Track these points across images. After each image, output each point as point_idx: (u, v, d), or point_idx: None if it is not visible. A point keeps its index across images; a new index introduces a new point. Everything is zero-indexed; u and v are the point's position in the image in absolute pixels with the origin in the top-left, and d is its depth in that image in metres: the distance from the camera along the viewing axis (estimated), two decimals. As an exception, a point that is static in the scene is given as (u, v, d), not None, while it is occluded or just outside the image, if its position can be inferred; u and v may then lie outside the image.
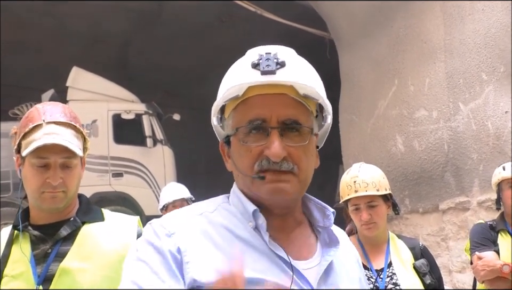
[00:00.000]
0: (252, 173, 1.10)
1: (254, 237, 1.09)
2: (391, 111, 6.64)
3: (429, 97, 6.16)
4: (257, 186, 1.10)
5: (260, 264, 1.05)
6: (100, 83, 10.54)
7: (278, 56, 1.11)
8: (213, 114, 1.22)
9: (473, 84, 5.80)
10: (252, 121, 1.10)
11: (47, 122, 1.70)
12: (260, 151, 1.09)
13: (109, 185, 9.98)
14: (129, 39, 12.96)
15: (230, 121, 1.17)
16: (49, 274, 1.61)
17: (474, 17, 5.88)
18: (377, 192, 2.58)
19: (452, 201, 5.93)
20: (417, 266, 2.54)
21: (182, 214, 1.14)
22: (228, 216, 1.13)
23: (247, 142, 1.11)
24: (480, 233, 3.31)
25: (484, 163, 5.61)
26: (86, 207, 1.80)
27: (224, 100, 1.16)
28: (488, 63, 5.73)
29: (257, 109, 1.11)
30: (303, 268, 1.10)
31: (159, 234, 1.07)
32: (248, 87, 1.11)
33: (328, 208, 1.19)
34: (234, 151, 1.15)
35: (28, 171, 1.70)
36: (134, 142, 10.35)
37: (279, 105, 1.10)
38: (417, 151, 6.25)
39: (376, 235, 2.62)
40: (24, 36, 11.69)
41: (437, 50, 6.13)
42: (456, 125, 5.88)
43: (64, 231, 1.69)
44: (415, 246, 2.65)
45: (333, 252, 1.14)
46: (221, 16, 11.96)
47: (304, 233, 1.19)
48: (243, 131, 1.12)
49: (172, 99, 13.78)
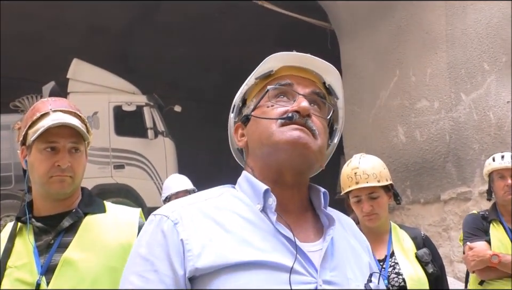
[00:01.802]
0: (276, 125, 1.13)
1: (261, 219, 1.09)
2: (393, 102, 6.63)
3: (431, 88, 6.15)
4: (280, 134, 1.11)
5: (265, 244, 1.05)
6: (100, 75, 10.53)
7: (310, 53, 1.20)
8: (236, 98, 1.25)
9: (475, 74, 5.78)
10: (282, 83, 1.17)
11: (53, 110, 1.73)
12: (286, 110, 1.14)
13: (111, 177, 10.00)
14: (130, 31, 12.93)
15: (253, 100, 1.21)
16: (52, 265, 1.63)
17: (476, 7, 5.85)
18: (378, 183, 2.58)
19: (453, 192, 5.94)
20: (419, 255, 2.55)
21: (187, 201, 1.13)
22: (234, 200, 1.13)
23: (273, 105, 1.15)
24: (472, 223, 3.34)
25: (486, 153, 5.60)
26: (88, 198, 1.82)
27: (257, 76, 1.20)
28: (490, 53, 5.71)
29: (288, 79, 1.18)
30: (309, 251, 1.09)
31: (163, 227, 1.07)
32: (282, 67, 1.19)
33: (320, 189, 1.19)
34: (259, 112, 1.17)
35: (35, 158, 1.71)
36: (135, 134, 10.36)
37: (308, 82, 1.19)
38: (418, 142, 6.25)
39: (378, 225, 2.62)
40: (24, 27, 11.66)
41: (438, 41, 6.11)
42: (457, 115, 5.87)
43: (66, 221, 1.70)
44: (417, 235, 2.66)
45: (331, 231, 1.13)
46: (221, 7, 11.91)
47: (311, 218, 1.19)
48: (271, 93, 1.17)
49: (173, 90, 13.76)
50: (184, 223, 1.05)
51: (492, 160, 3.40)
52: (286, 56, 1.19)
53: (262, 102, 1.17)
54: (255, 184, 1.14)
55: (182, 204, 1.11)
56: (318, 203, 1.19)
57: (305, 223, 1.16)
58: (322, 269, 1.07)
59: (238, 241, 1.04)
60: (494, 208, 3.38)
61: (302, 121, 1.11)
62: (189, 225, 1.05)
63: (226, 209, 1.10)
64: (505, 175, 3.29)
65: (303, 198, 1.19)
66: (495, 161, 3.36)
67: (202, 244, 1.02)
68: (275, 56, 1.19)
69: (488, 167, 3.40)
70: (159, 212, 1.10)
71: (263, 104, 1.17)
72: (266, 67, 1.19)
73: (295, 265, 1.03)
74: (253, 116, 1.18)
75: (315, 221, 1.19)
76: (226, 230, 1.05)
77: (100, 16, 12.02)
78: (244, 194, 1.15)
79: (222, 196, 1.15)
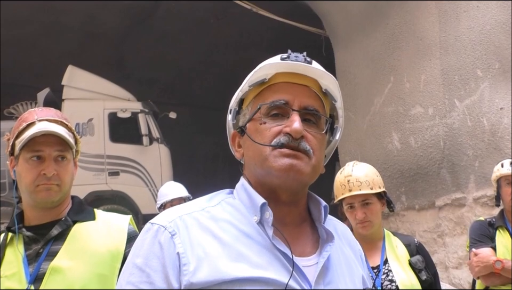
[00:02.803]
0: (268, 148, 1.11)
1: (257, 231, 1.09)
2: (387, 108, 6.66)
3: (425, 94, 6.17)
4: (272, 161, 1.10)
5: (261, 259, 1.05)
6: (95, 82, 10.53)
7: (306, 56, 1.17)
8: (231, 105, 1.24)
9: (468, 81, 5.82)
10: (275, 101, 1.14)
11: (39, 120, 1.75)
12: (279, 130, 1.12)
13: (106, 184, 9.97)
14: (125, 37, 12.93)
15: (249, 108, 1.19)
16: (41, 273, 1.64)
17: (469, 14, 5.89)
18: (371, 191, 2.58)
19: (448, 198, 5.96)
20: (412, 262, 2.55)
21: (184, 210, 1.13)
22: (231, 211, 1.13)
23: (266, 122, 1.14)
24: (478, 229, 3.34)
25: (480, 159, 5.63)
26: (78, 207, 1.83)
27: (250, 84, 1.19)
28: (483, 59, 5.75)
29: (282, 93, 1.15)
30: (304, 265, 1.09)
31: (160, 238, 1.07)
32: (275, 74, 1.17)
33: (321, 202, 1.19)
34: (251, 132, 1.16)
35: (22, 168, 1.73)
36: (130, 141, 10.34)
37: (303, 94, 1.16)
38: (413, 148, 6.27)
39: (371, 233, 2.63)
40: (19, 33, 11.65)
41: (432, 47, 6.15)
42: (451, 121, 5.89)
43: (55, 230, 1.71)
44: (410, 242, 2.66)
45: (329, 248, 1.14)
46: (217, 13, 11.95)
47: (308, 230, 1.18)
48: (264, 111, 1.15)
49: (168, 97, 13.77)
50: (181, 235, 1.06)
51: (500, 166, 3.39)
52: (279, 64, 1.16)
53: (255, 116, 1.16)
54: (252, 196, 1.13)
55: (179, 214, 1.11)
56: (318, 215, 1.19)
57: (301, 236, 1.16)
58: (316, 285, 1.08)
59: (234, 255, 1.04)
60: (502, 214, 3.38)
61: (295, 144, 1.10)
62: (185, 237, 1.05)
63: (223, 220, 1.10)
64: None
65: (300, 211, 1.19)
66: (504, 167, 3.35)
67: (198, 259, 1.03)
68: (269, 64, 1.17)
69: (497, 172, 3.39)
70: (157, 222, 1.10)
71: (256, 118, 1.16)
72: (259, 75, 1.17)
73: (290, 282, 1.04)
74: (247, 134, 1.17)
75: (311, 232, 1.19)
76: (223, 243, 1.05)
77: (95, 22, 12.03)
78: (241, 204, 1.15)
79: (219, 205, 1.14)
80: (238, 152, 1.21)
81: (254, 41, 12.48)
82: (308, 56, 1.18)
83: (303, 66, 1.15)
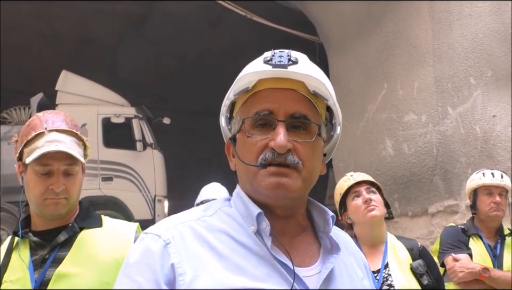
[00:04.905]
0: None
1: (255, 242, 1.06)
2: (381, 115, 6.68)
3: (418, 101, 6.20)
4: (260, 180, 1.06)
5: (260, 271, 1.02)
6: (89, 87, 10.51)
7: (291, 54, 1.10)
8: (222, 113, 1.20)
9: (461, 88, 5.85)
10: (259, 112, 1.08)
11: (49, 130, 1.72)
12: (265, 144, 1.07)
13: (99, 189, 9.93)
14: (119, 42, 12.93)
15: (238, 117, 1.14)
16: (46, 280, 1.63)
17: (462, 22, 5.94)
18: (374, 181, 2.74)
19: (440, 205, 5.98)
20: (413, 267, 2.54)
21: (180, 219, 1.10)
22: (228, 220, 1.10)
23: (252, 135, 1.08)
24: (455, 235, 3.36)
25: (472, 166, 5.65)
26: (85, 213, 1.82)
27: (235, 93, 1.14)
28: (476, 67, 5.79)
29: (266, 102, 1.09)
30: (304, 276, 1.06)
31: (153, 247, 1.04)
32: (259, 80, 1.10)
33: (328, 212, 1.15)
34: (239, 145, 1.12)
35: (30, 178, 1.72)
36: (124, 146, 10.32)
37: (288, 99, 1.09)
38: (406, 155, 6.29)
39: (375, 233, 2.65)
40: (13, 38, 11.62)
41: (425, 55, 6.18)
42: (444, 128, 5.92)
43: (62, 236, 1.71)
44: (413, 246, 2.65)
45: (333, 259, 1.11)
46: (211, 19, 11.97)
47: (308, 239, 1.15)
48: (249, 123, 1.09)
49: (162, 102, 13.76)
50: (176, 244, 1.03)
51: (482, 175, 3.41)
52: (261, 71, 1.09)
53: (243, 127, 1.11)
54: (248, 206, 1.10)
55: (174, 223, 1.08)
56: (322, 224, 1.16)
57: (301, 245, 1.13)
58: None
59: (232, 268, 1.01)
60: (472, 222, 3.42)
61: (281, 159, 1.05)
62: (180, 247, 1.03)
63: (219, 231, 1.07)
64: (493, 192, 3.32)
65: (299, 221, 1.15)
66: (486, 177, 3.37)
67: (195, 270, 1.00)
68: (251, 72, 1.10)
69: (479, 181, 3.40)
70: (151, 231, 1.08)
71: (244, 129, 1.11)
72: (242, 84, 1.12)
73: None
74: (235, 150, 1.13)
75: (312, 242, 1.16)
76: (220, 255, 1.03)
77: (89, 28, 12.02)
78: (237, 213, 1.12)
79: (216, 215, 1.11)
80: (232, 162, 1.17)
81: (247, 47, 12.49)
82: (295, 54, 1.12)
83: (285, 71, 1.08)
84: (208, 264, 1.01)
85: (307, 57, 1.16)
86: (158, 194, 10.21)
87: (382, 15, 6.74)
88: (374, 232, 2.66)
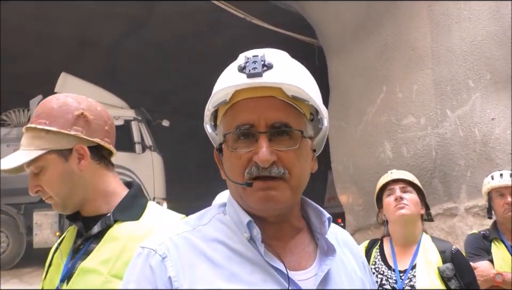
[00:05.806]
0: (242, 181, 1.06)
1: (249, 249, 1.07)
2: (380, 118, 6.68)
3: (417, 104, 6.21)
4: (248, 195, 1.07)
5: (254, 277, 1.03)
6: (88, 89, 10.50)
7: (265, 59, 1.07)
8: (205, 122, 1.19)
9: (460, 91, 5.86)
10: (240, 126, 1.06)
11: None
12: (249, 158, 1.05)
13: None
14: (118, 45, 12.93)
15: (221, 127, 1.13)
16: (73, 272, 1.57)
17: (461, 25, 5.94)
18: (412, 180, 2.72)
19: (439, 207, 5.97)
20: (440, 270, 2.50)
21: (175, 230, 1.11)
22: (222, 228, 1.11)
23: (236, 149, 1.07)
24: (474, 243, 3.33)
25: (471, 169, 5.66)
26: (127, 202, 1.66)
27: (213, 105, 1.13)
28: (474, 70, 5.80)
29: (245, 114, 1.06)
30: (300, 279, 1.06)
31: (151, 262, 1.05)
32: (235, 91, 1.07)
33: (324, 213, 1.16)
34: (225, 158, 1.11)
35: None
36: (123, 148, 10.29)
37: (267, 109, 1.06)
38: (405, 158, 6.29)
39: (407, 232, 2.64)
40: (12, 41, 11.62)
41: (424, 58, 6.19)
42: (443, 131, 5.93)
43: (96, 228, 1.61)
44: (446, 249, 2.60)
45: (329, 261, 1.11)
46: (210, 22, 11.98)
47: (303, 241, 1.15)
48: (232, 137, 1.08)
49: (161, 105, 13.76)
50: (171, 257, 1.04)
51: (490, 178, 3.40)
52: (235, 84, 1.06)
53: (226, 138, 1.10)
54: (239, 214, 1.11)
55: (169, 235, 1.09)
56: (318, 226, 1.16)
57: (296, 248, 1.13)
58: None
59: (227, 276, 1.02)
60: (495, 226, 3.37)
61: (266, 173, 1.04)
62: (176, 260, 1.04)
63: (214, 240, 1.08)
64: (504, 193, 3.30)
65: (293, 224, 1.15)
66: (494, 179, 3.36)
67: (191, 282, 1.01)
68: (226, 86, 1.08)
69: (488, 185, 3.39)
70: (147, 246, 1.09)
71: (227, 141, 1.09)
72: (219, 97, 1.10)
73: None
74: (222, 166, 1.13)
75: (308, 243, 1.16)
76: (215, 264, 1.04)
77: (88, 30, 12.02)
78: (231, 221, 1.12)
79: (210, 223, 1.12)
80: (221, 170, 1.14)
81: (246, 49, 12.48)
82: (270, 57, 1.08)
83: (259, 82, 1.04)
84: (204, 274, 1.02)
85: (286, 54, 1.14)
86: (157, 197, 10.22)
87: (381, 17, 6.75)
88: (405, 231, 2.64)
